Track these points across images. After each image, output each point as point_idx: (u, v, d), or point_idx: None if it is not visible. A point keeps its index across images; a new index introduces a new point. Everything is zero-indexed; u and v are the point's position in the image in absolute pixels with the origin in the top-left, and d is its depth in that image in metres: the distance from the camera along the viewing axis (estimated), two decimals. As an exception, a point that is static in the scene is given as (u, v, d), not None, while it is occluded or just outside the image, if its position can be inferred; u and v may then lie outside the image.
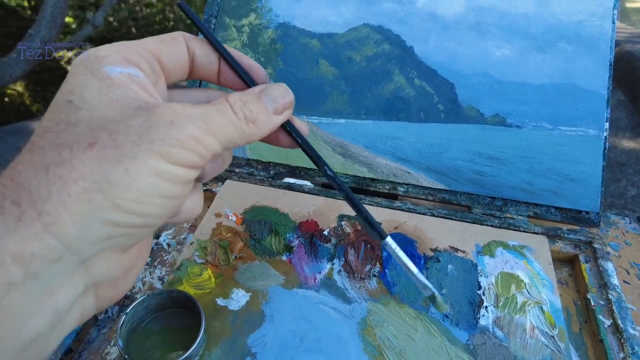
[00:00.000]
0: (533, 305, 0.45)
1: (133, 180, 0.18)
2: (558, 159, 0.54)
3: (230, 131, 0.22)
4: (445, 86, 0.57)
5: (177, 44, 0.24)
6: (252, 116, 0.23)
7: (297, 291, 0.45)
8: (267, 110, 0.24)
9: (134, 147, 0.18)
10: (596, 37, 0.55)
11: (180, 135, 0.19)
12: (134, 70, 0.22)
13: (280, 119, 0.25)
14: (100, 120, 0.19)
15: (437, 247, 0.50)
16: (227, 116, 0.22)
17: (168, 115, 0.20)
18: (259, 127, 0.24)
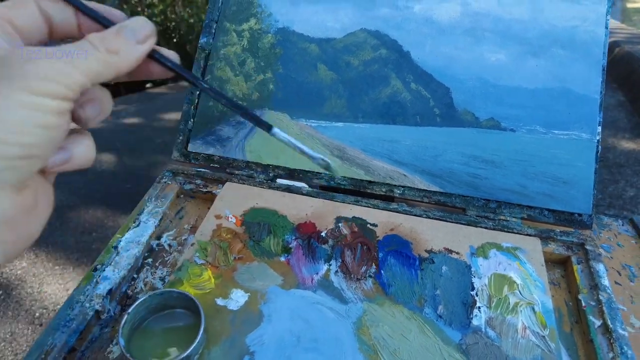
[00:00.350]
0: (525, 306, 0.46)
1: (6, 113, 0.20)
2: (551, 162, 0.55)
3: (94, 63, 0.23)
4: (441, 90, 0.58)
5: (26, 5, 0.25)
6: (114, 47, 0.24)
7: (295, 292, 0.47)
8: (128, 41, 0.25)
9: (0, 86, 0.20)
10: (589, 42, 0.56)
11: (38, 69, 0.21)
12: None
13: (144, 47, 0.26)
14: None
15: (432, 249, 0.51)
16: (89, 51, 0.23)
17: (25, 54, 0.21)
18: (123, 56, 0.25)
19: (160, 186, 0.60)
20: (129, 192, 2.37)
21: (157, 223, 0.55)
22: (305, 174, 0.60)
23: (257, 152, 0.61)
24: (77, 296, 0.47)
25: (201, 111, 0.63)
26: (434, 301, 0.46)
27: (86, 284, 0.48)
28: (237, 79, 0.62)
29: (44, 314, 1.63)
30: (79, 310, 0.45)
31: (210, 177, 0.61)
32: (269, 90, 0.62)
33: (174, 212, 0.59)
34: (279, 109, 0.61)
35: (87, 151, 0.26)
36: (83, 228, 2.06)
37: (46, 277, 1.76)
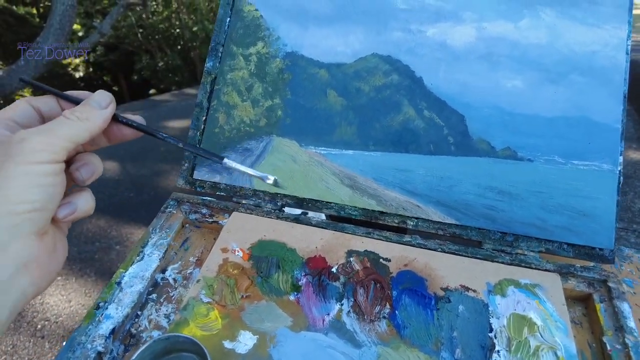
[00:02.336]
0: (547, 350, 0.43)
1: (11, 182, 0.27)
2: (571, 194, 0.53)
3: (71, 130, 0.31)
4: (455, 118, 0.56)
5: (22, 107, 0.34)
6: (83, 115, 0.32)
7: (306, 334, 0.45)
8: (93, 108, 0.33)
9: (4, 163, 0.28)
10: (610, 68, 0.54)
11: (32, 145, 0.29)
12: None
13: (108, 111, 0.34)
14: None
15: (447, 286, 0.49)
16: (64, 122, 0.31)
17: (19, 136, 0.29)
18: (92, 120, 0.32)
19: (164, 216, 0.58)
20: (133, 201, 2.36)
21: (161, 256, 0.53)
22: (314, 204, 0.58)
23: (264, 180, 0.59)
24: (78, 337, 0.45)
25: (207, 137, 0.61)
26: (451, 344, 0.44)
27: (88, 323, 0.46)
28: (245, 104, 0.61)
29: (46, 325, 1.61)
30: (81, 352, 0.43)
31: (216, 206, 0.59)
32: (277, 117, 0.60)
33: (179, 244, 0.58)
34: (287, 136, 0.59)
35: (88, 202, 0.34)
36: (86, 237, 2.05)
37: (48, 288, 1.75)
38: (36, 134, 0.29)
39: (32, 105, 0.34)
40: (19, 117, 0.33)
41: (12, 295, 0.28)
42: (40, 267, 0.30)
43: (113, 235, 2.08)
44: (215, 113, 0.61)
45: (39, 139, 0.29)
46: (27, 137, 0.29)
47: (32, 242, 0.29)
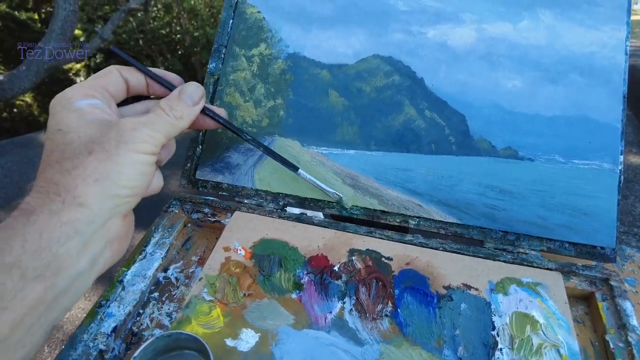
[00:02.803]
0: (550, 348, 0.43)
1: (122, 168, 0.30)
2: (572, 192, 0.53)
3: (168, 127, 0.34)
4: (456, 118, 0.56)
5: (113, 75, 0.35)
6: (179, 114, 0.35)
7: (308, 332, 0.45)
8: (187, 105, 0.36)
9: (117, 148, 0.30)
10: (609, 68, 0.55)
11: (141, 135, 0.32)
12: (95, 101, 0.33)
13: (198, 108, 0.37)
14: (87, 138, 0.30)
15: (449, 285, 0.49)
16: (163, 118, 0.34)
17: (130, 125, 0.32)
18: (185, 119, 0.36)
19: (167, 215, 0.58)
20: (133, 206, 2.36)
21: (164, 255, 0.54)
22: (316, 203, 0.58)
23: (266, 180, 0.59)
24: (80, 335, 0.45)
25: (210, 138, 0.61)
26: (453, 342, 0.44)
27: (90, 322, 0.46)
28: (247, 105, 0.61)
29: (46, 330, 1.61)
30: (82, 350, 0.43)
31: (218, 206, 0.59)
32: (279, 117, 0.60)
33: (181, 243, 0.58)
34: (289, 136, 0.59)
35: (159, 181, 0.38)
36: (86, 242, 2.05)
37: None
38: (144, 126, 0.32)
39: (122, 75, 0.36)
40: (112, 87, 0.35)
41: (99, 267, 0.31)
42: (119, 243, 0.33)
43: (113, 239, 2.07)
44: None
45: (146, 132, 0.32)
46: (138, 127, 0.32)
47: (120, 221, 0.32)
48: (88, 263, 0.30)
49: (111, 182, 0.29)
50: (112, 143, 0.30)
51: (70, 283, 0.29)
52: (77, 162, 0.29)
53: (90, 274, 0.31)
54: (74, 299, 0.30)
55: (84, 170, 0.29)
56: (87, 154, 0.29)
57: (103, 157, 0.29)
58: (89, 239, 0.29)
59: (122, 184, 0.30)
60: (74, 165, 0.29)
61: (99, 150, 0.30)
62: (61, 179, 0.28)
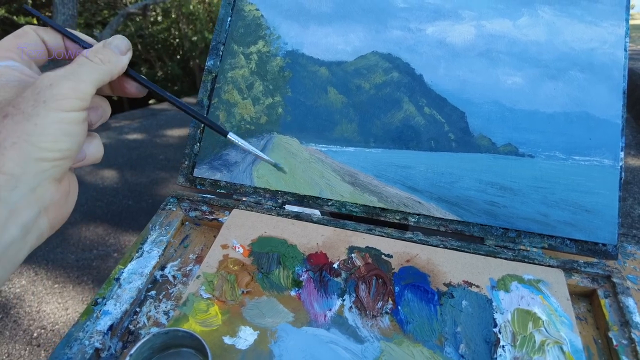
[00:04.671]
0: (552, 345, 0.43)
1: (43, 129, 0.27)
2: (572, 189, 0.53)
3: (95, 74, 0.30)
4: (455, 115, 0.56)
5: (29, 35, 0.33)
6: (105, 58, 0.32)
7: (307, 329, 0.44)
8: (114, 52, 0.33)
9: (35, 108, 0.27)
10: (609, 65, 0.55)
11: (63, 91, 0.28)
12: (10, 62, 0.31)
13: (126, 58, 0.34)
14: (2, 102, 0.28)
15: (450, 282, 0.49)
16: (88, 65, 0.31)
17: (47, 81, 0.28)
18: (113, 64, 0.32)
19: (164, 213, 0.58)
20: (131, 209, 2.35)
21: (161, 253, 0.53)
22: (315, 200, 0.57)
23: (265, 177, 0.58)
24: (75, 333, 0.44)
25: (208, 135, 0.61)
26: (454, 339, 0.44)
27: (86, 320, 0.45)
28: (245, 102, 0.61)
29: (42, 334, 1.59)
30: (78, 348, 0.43)
31: (216, 204, 0.59)
32: (278, 114, 0.60)
33: (179, 241, 0.57)
34: (288, 133, 0.59)
35: (97, 150, 0.34)
36: (84, 245, 2.04)
37: (45, 295, 1.73)
38: (64, 78, 0.29)
39: (39, 35, 0.33)
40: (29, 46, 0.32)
41: (33, 235, 0.29)
42: (57, 210, 0.31)
43: (111, 242, 2.06)
44: (216, 111, 0.61)
45: (68, 85, 0.28)
46: (56, 82, 0.28)
47: (53, 186, 0.30)
48: (19, 231, 0.27)
49: (32, 145, 0.26)
50: (29, 103, 0.27)
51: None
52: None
53: (23, 244, 0.28)
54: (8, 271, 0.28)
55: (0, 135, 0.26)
56: (1, 118, 0.27)
57: (19, 119, 0.27)
58: (16, 206, 0.27)
59: (45, 146, 0.27)
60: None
61: (15, 113, 0.27)
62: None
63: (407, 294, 0.47)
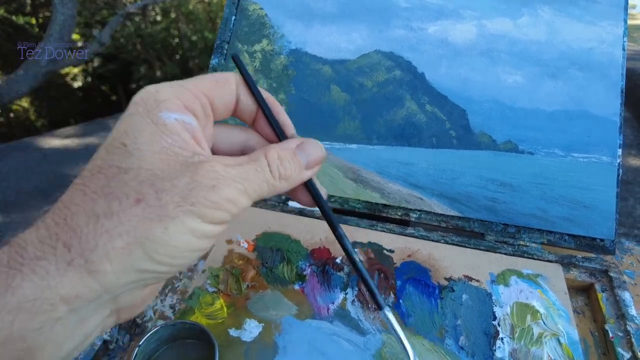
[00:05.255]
0: (550, 337, 0.44)
1: (170, 238, 0.21)
2: (571, 185, 0.54)
3: (263, 188, 0.24)
4: (457, 112, 0.57)
5: (229, 86, 0.27)
6: (286, 173, 0.25)
7: (311, 322, 0.45)
8: (300, 165, 0.26)
9: (176, 208, 0.21)
10: (606, 64, 0.56)
11: (219, 199, 0.22)
12: (188, 117, 0.24)
13: (309, 174, 0.27)
14: (148, 174, 0.21)
15: (451, 276, 0.50)
16: (263, 174, 0.24)
17: (210, 177, 0.22)
18: (290, 182, 0.26)
19: (169, 209, 0.59)
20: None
21: (166, 248, 0.54)
22: (318, 197, 0.58)
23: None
24: (84, 326, 0.45)
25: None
26: (455, 332, 0.44)
27: (94, 313, 0.46)
28: (249, 100, 0.61)
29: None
30: (86, 340, 0.43)
31: (220, 200, 0.59)
32: (281, 112, 0.61)
33: (184, 236, 0.58)
34: (291, 131, 0.60)
35: None
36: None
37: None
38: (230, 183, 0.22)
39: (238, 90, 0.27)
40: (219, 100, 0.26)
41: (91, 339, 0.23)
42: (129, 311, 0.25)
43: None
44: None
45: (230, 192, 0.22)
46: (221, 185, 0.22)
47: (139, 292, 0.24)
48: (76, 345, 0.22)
49: (145, 253, 0.20)
50: (175, 198, 0.21)
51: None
52: (115, 209, 0.20)
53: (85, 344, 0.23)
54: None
55: (118, 226, 0.20)
56: (134, 202, 0.21)
57: (151, 213, 0.20)
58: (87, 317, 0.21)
59: (159, 258, 0.21)
60: (109, 210, 0.20)
61: (151, 203, 0.21)
62: (83, 224, 0.20)
63: (408, 288, 0.48)
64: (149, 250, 0.20)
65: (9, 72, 4.10)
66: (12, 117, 5.44)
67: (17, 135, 4.28)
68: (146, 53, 5.94)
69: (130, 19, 5.41)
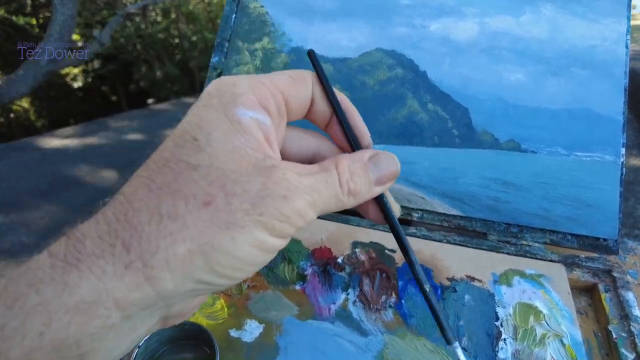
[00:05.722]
0: (553, 338, 0.43)
1: (235, 249, 0.19)
2: (574, 184, 0.53)
3: (331, 203, 0.22)
4: (459, 111, 0.57)
5: (305, 85, 0.25)
6: (356, 189, 0.23)
7: (312, 323, 0.44)
8: (370, 181, 0.24)
9: (245, 216, 0.19)
10: (610, 62, 0.55)
11: (289, 211, 0.20)
12: (263, 116, 0.22)
13: (379, 190, 0.25)
14: (219, 173, 0.20)
15: (453, 276, 0.49)
16: (333, 188, 0.22)
17: (283, 186, 0.20)
18: (358, 199, 0.24)
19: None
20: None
21: (166, 247, 0.53)
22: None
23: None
24: (83, 326, 0.44)
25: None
26: (457, 332, 0.44)
27: (92, 313, 0.46)
28: (249, 98, 0.61)
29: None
30: (85, 341, 0.43)
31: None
32: (282, 110, 0.60)
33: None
34: (291, 130, 0.59)
35: None
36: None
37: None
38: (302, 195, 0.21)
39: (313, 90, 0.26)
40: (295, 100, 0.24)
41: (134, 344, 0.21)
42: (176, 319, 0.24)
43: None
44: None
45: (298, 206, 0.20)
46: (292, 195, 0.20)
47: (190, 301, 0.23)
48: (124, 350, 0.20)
49: (207, 264, 0.19)
50: (245, 205, 0.19)
51: None
52: (180, 210, 0.19)
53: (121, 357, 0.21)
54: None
55: (183, 230, 0.19)
56: (202, 205, 0.19)
57: (219, 219, 0.19)
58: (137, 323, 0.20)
59: (221, 270, 0.19)
60: (173, 211, 0.19)
61: (221, 208, 0.19)
62: (145, 222, 0.19)
63: (410, 288, 0.48)
64: (211, 260, 0.19)
65: (9, 72, 4.10)
66: (12, 117, 5.45)
67: (17, 136, 4.28)
68: (146, 53, 5.94)
69: (131, 19, 5.41)
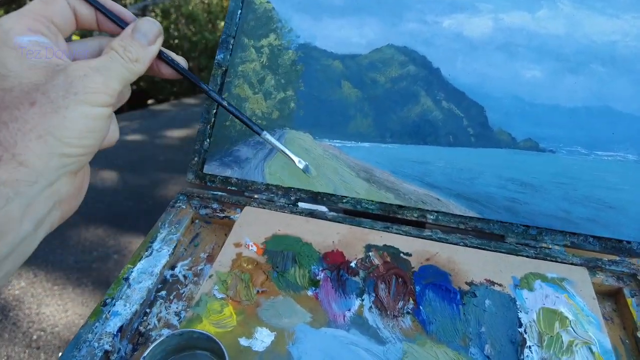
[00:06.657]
0: (581, 345, 0.41)
1: (71, 123, 0.26)
2: (595, 185, 0.51)
3: (124, 72, 0.30)
4: (474, 109, 0.55)
5: (60, 3, 0.31)
6: (134, 56, 0.31)
7: (326, 330, 0.42)
8: (142, 45, 0.32)
9: (65, 99, 0.26)
10: (631, 58, 0.53)
11: (94, 84, 0.27)
12: (39, 37, 0.28)
13: (155, 48, 0.33)
14: (30, 85, 0.26)
15: (472, 281, 0.47)
16: (117, 61, 0.30)
17: (80, 71, 0.27)
18: (142, 62, 0.32)
19: (174, 211, 0.56)
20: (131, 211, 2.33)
21: (171, 251, 0.51)
22: (329, 198, 0.56)
23: (277, 174, 0.57)
24: (84, 335, 0.42)
25: (218, 130, 0.59)
26: (479, 340, 0.42)
27: (94, 321, 0.43)
28: (256, 97, 0.59)
29: (42, 336, 1.57)
30: (87, 350, 0.41)
31: (227, 201, 0.57)
32: (290, 109, 0.58)
33: (189, 239, 0.55)
34: (300, 129, 0.57)
35: (114, 133, 0.33)
36: (83, 247, 2.01)
37: (45, 297, 1.71)
38: (97, 72, 0.28)
39: (70, 4, 0.32)
40: (58, 18, 0.30)
41: (44, 228, 0.28)
42: (69, 202, 0.30)
43: (111, 244, 2.04)
44: (226, 106, 0.59)
45: (100, 80, 0.27)
46: (90, 74, 0.27)
47: (70, 180, 0.29)
48: (32, 226, 0.26)
49: (57, 139, 0.25)
50: (60, 93, 0.26)
51: (13, 248, 0.25)
52: (17, 114, 0.25)
53: (35, 237, 0.27)
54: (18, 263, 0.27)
55: (25, 124, 0.25)
56: (29, 105, 0.25)
57: (48, 109, 0.25)
58: (32, 201, 0.26)
59: (70, 142, 0.26)
60: (12, 117, 0.25)
61: (44, 102, 0.25)
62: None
63: (428, 294, 0.46)
64: (59, 136, 0.25)
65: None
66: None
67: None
68: (145, 54, 5.89)
69: (130, 20, 5.37)
